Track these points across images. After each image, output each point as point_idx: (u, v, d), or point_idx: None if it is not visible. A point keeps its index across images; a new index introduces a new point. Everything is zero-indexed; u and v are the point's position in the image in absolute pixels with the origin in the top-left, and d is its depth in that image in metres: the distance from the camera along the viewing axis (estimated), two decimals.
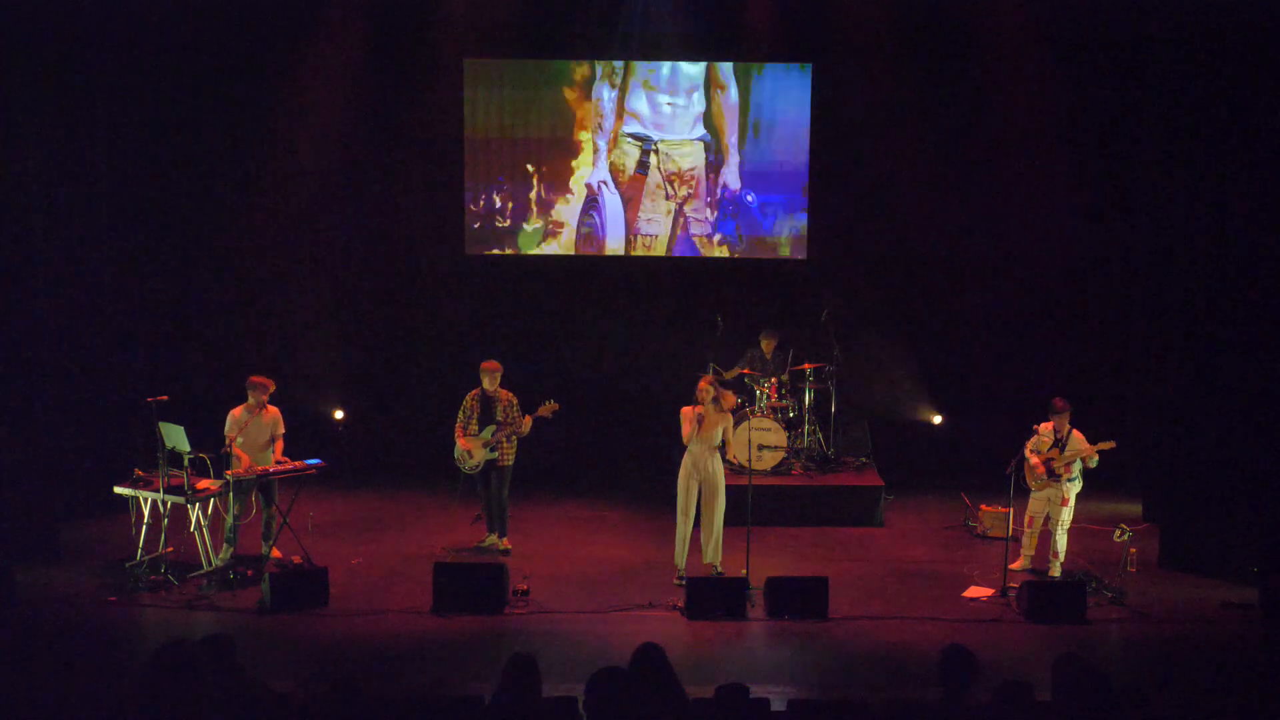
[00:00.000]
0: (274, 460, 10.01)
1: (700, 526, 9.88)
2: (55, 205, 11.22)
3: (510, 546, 10.63)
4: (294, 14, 12.93)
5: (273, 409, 10.11)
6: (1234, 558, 9.92)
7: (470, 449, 10.45)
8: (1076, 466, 9.86)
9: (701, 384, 9.78)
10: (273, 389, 10.07)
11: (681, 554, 9.86)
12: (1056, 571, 10.08)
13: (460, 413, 10.55)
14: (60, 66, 11.17)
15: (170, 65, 12.58)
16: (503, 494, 10.57)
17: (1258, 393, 10.37)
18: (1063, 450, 9.84)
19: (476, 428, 10.45)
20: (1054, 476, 9.87)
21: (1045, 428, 9.97)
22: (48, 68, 11.03)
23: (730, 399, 9.98)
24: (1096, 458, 9.79)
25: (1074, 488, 9.93)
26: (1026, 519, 10.15)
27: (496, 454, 10.46)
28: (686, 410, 9.80)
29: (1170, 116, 11.64)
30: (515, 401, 10.48)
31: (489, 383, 10.43)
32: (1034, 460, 9.93)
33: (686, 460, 9.84)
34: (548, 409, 10.45)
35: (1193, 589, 9.84)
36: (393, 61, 13.31)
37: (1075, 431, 9.88)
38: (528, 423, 10.40)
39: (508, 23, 13.23)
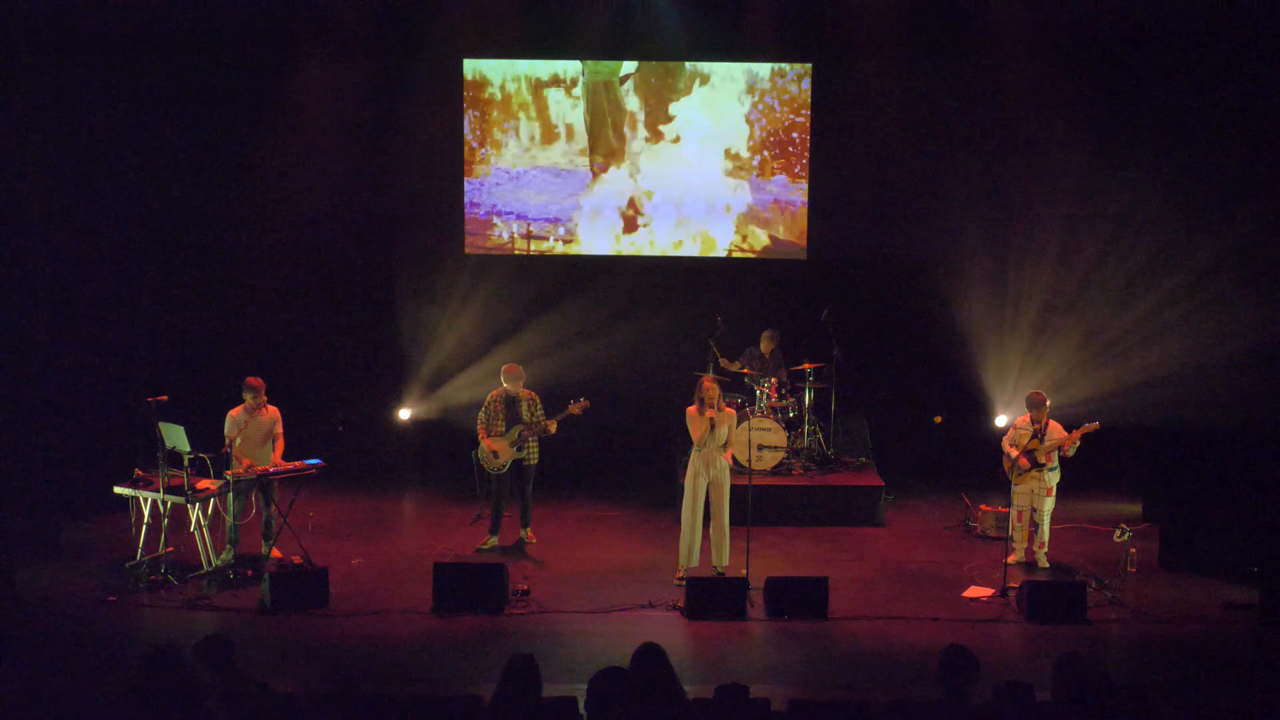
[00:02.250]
0: (273, 461, 10.00)
1: (710, 526, 9.90)
2: (55, 206, 11.23)
3: (535, 539, 10.78)
4: (294, 13, 12.92)
5: (272, 408, 10.11)
6: (1234, 558, 9.92)
7: (497, 449, 10.47)
8: (1056, 455, 10.06)
9: (706, 382, 9.73)
10: (263, 387, 10.07)
11: (686, 554, 9.82)
12: (1044, 562, 10.25)
13: (483, 412, 10.56)
14: (60, 68, 11.18)
15: (170, 65, 12.58)
16: (527, 491, 10.69)
17: (1258, 392, 10.39)
18: (1042, 441, 9.98)
19: (503, 427, 10.46)
20: (1037, 466, 10.01)
21: (1022, 421, 10.24)
22: (48, 69, 11.04)
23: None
24: (1078, 443, 9.94)
25: (1054, 477, 10.16)
26: (1015, 514, 10.21)
27: (524, 453, 10.51)
28: (692, 410, 9.74)
29: (1171, 115, 11.66)
30: (538, 400, 10.54)
31: (511, 385, 10.46)
32: (1014, 453, 10.10)
33: (695, 459, 9.81)
34: (577, 407, 10.46)
35: (1193, 589, 9.84)
36: (393, 61, 13.31)
37: (1052, 422, 10.10)
38: (552, 424, 10.46)
39: (508, 23, 13.23)
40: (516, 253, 13.94)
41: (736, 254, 13.84)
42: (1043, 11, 12.66)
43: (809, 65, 13.50)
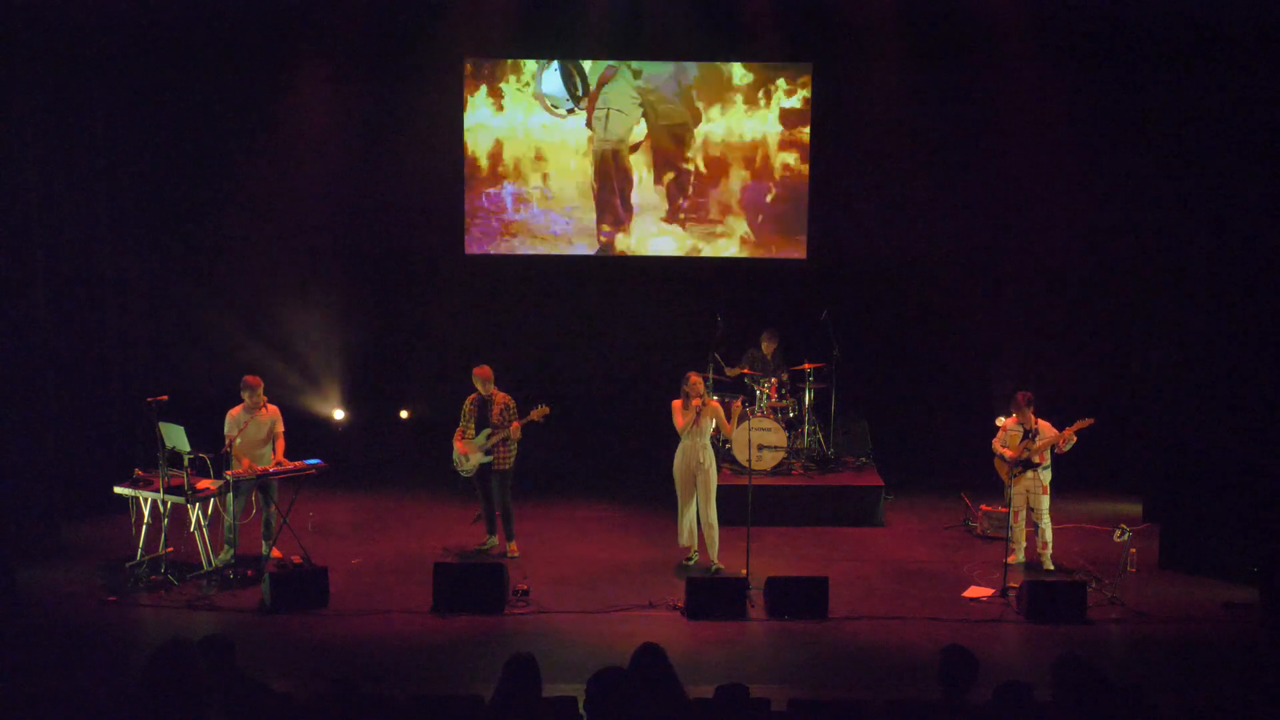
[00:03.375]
0: (275, 460, 10.01)
1: (700, 525, 9.98)
2: (55, 205, 11.22)
3: (518, 554, 10.50)
4: (294, 13, 12.91)
5: (272, 407, 10.10)
6: (1234, 558, 9.92)
7: (467, 453, 10.38)
8: (1049, 454, 10.04)
9: (692, 377, 9.92)
10: (261, 386, 10.06)
11: (685, 533, 10.06)
12: (1048, 563, 10.22)
13: (461, 417, 10.50)
14: (60, 67, 11.17)
15: (170, 65, 12.58)
16: (505, 499, 10.46)
17: (1257, 392, 10.39)
18: (1034, 441, 9.98)
19: (473, 431, 10.39)
20: (1032, 466, 10.01)
21: (1010, 422, 10.21)
22: (48, 68, 11.03)
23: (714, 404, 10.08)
24: (1074, 439, 9.90)
25: (1048, 475, 10.13)
26: (1012, 514, 10.24)
27: (491, 458, 10.34)
28: (677, 404, 9.96)
29: (1173, 117, 11.65)
30: (512, 404, 10.36)
31: (483, 388, 10.34)
32: (1008, 454, 10.10)
33: (680, 452, 9.96)
34: (538, 414, 10.25)
35: (1193, 589, 9.84)
36: (393, 61, 13.31)
37: (1041, 421, 10.07)
38: (516, 428, 10.26)
39: (508, 23, 13.24)
40: (517, 253, 13.93)
41: (737, 254, 13.84)
42: (1042, 12, 12.66)
43: (809, 65, 13.52)
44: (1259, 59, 11.06)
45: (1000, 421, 10.35)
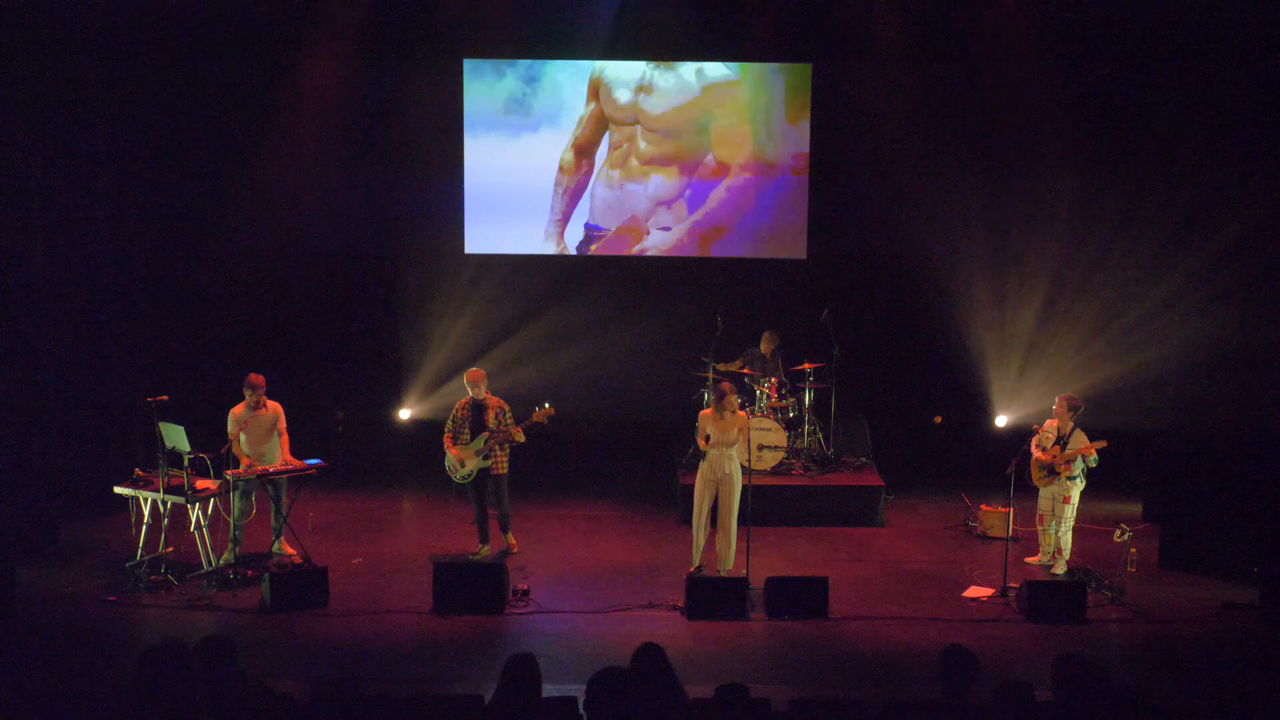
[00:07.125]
0: (282, 458, 10.01)
1: (717, 530, 9.87)
2: (55, 205, 11.23)
3: (518, 549, 10.52)
4: (295, 13, 12.92)
5: (273, 404, 10.10)
6: (1234, 558, 9.92)
7: (463, 458, 10.17)
8: (1078, 465, 9.97)
9: (725, 386, 9.69)
10: (263, 385, 10.06)
11: (698, 553, 9.92)
12: (1060, 569, 10.16)
13: (449, 422, 10.27)
14: (60, 66, 11.17)
15: (170, 66, 12.59)
16: (503, 503, 10.33)
17: (1257, 393, 10.40)
18: (1064, 448, 9.91)
19: (469, 436, 10.19)
20: (1053, 474, 9.95)
21: (1050, 424, 10.15)
22: (48, 67, 11.03)
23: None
24: (1095, 455, 9.88)
25: (1075, 486, 10.05)
26: (1037, 517, 10.26)
27: (490, 462, 10.19)
28: (708, 413, 9.74)
29: (1172, 116, 11.66)
30: (507, 408, 10.20)
31: (475, 392, 10.18)
32: (1040, 455, 10.05)
33: (706, 462, 9.76)
34: (542, 414, 10.13)
35: (1193, 589, 9.84)
36: (393, 61, 13.32)
37: (1079, 430, 10.00)
38: (519, 433, 10.12)
39: (508, 23, 13.25)
40: (516, 253, 13.94)
41: (735, 254, 13.85)
42: (1042, 11, 12.67)
43: (809, 65, 13.53)
44: (1259, 57, 11.07)
45: (1000, 422, 10.33)
